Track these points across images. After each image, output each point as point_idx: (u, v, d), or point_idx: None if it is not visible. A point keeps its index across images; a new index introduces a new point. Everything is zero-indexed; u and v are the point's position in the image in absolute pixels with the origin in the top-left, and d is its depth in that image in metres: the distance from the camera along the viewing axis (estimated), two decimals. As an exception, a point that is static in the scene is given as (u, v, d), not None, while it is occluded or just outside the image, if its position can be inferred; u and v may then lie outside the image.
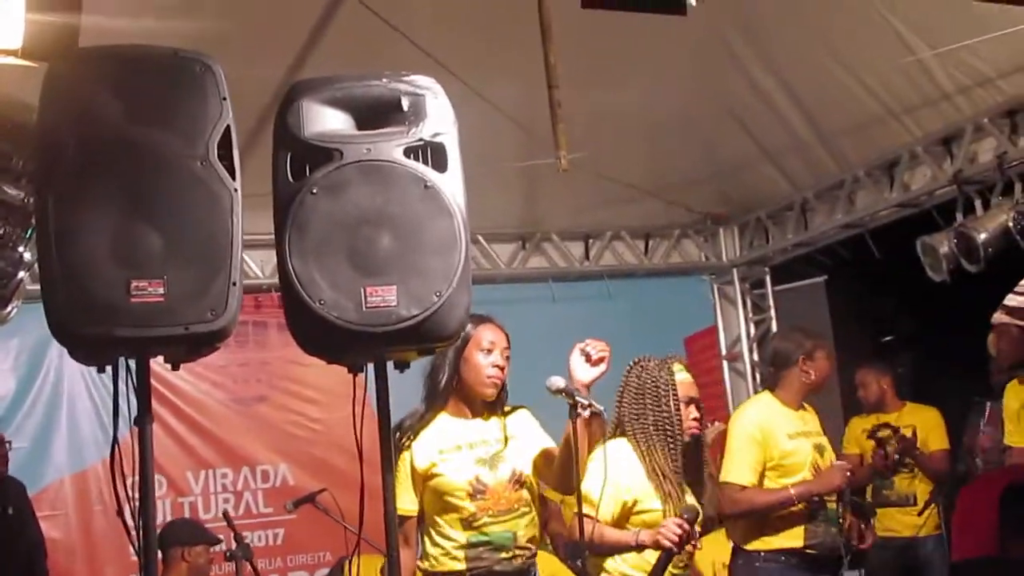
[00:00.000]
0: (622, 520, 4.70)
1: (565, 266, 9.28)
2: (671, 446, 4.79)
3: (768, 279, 9.82)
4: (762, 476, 5.56)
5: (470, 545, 4.40)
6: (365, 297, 3.01)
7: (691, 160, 8.43)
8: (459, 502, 4.41)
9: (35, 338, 7.69)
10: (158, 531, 6.53)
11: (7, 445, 7.18)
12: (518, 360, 4.70)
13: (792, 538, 5.49)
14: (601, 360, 4.31)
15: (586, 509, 4.36)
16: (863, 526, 5.77)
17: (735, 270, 9.83)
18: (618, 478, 4.62)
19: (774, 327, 9.64)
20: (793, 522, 5.50)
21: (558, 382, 4.22)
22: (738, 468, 5.58)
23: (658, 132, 7.89)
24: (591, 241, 9.37)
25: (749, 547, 5.58)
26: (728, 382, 9.84)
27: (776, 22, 6.97)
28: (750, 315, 9.91)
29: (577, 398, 4.17)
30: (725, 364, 9.87)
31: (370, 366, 3.23)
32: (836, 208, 8.59)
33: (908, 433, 7.39)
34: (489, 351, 4.51)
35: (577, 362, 4.31)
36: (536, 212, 8.93)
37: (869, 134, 7.87)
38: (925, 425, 7.49)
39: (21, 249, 4.45)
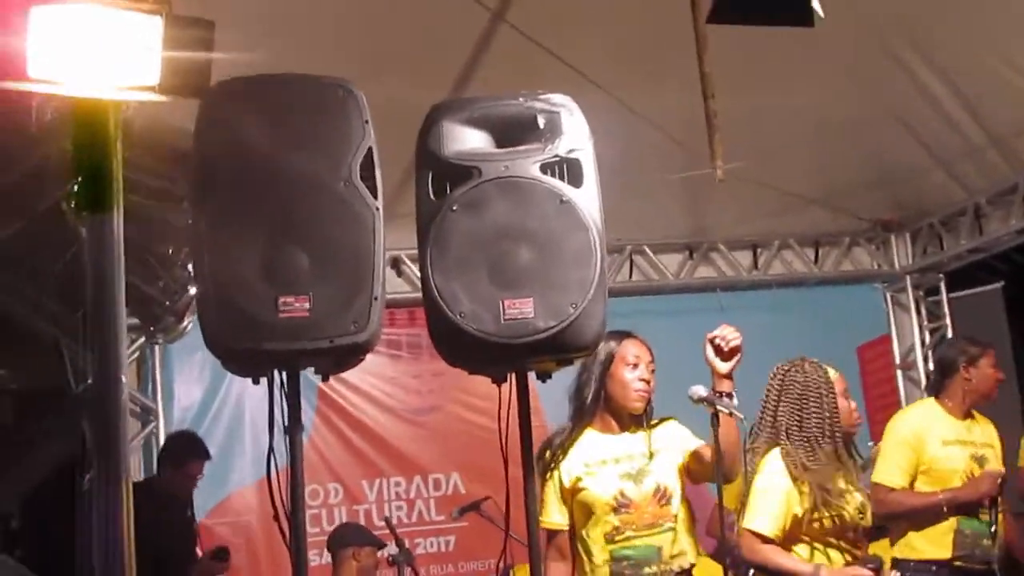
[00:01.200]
0: (794, 533, 4.64)
1: (733, 275, 9.26)
2: (837, 444, 4.75)
3: (943, 286, 9.63)
4: (913, 480, 5.54)
5: (614, 560, 4.44)
6: (504, 310, 3.12)
7: (857, 166, 8.33)
8: (603, 516, 4.46)
9: (219, 352, 7.98)
10: (329, 534, 6.87)
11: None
12: (685, 370, 4.71)
13: (941, 548, 5.45)
14: (734, 350, 4.31)
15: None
16: None
17: (908, 277, 9.66)
18: (786, 492, 4.61)
19: (950, 335, 9.45)
20: (943, 531, 5.45)
21: (700, 391, 4.25)
22: (888, 470, 5.59)
23: (822, 138, 7.81)
24: (759, 250, 9.33)
25: (899, 555, 5.57)
26: (902, 391, 9.67)
27: (938, 22, 6.85)
28: (925, 323, 9.72)
29: (718, 406, 4.20)
30: (899, 373, 9.70)
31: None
32: (1011, 213, 8.40)
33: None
34: (635, 366, 4.55)
35: (710, 355, 4.33)
36: (703, 222, 8.93)
37: (1043, 134, 7.68)
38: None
39: (189, 267, 4.68)
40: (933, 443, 5.57)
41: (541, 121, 3.26)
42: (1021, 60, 7.01)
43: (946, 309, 9.62)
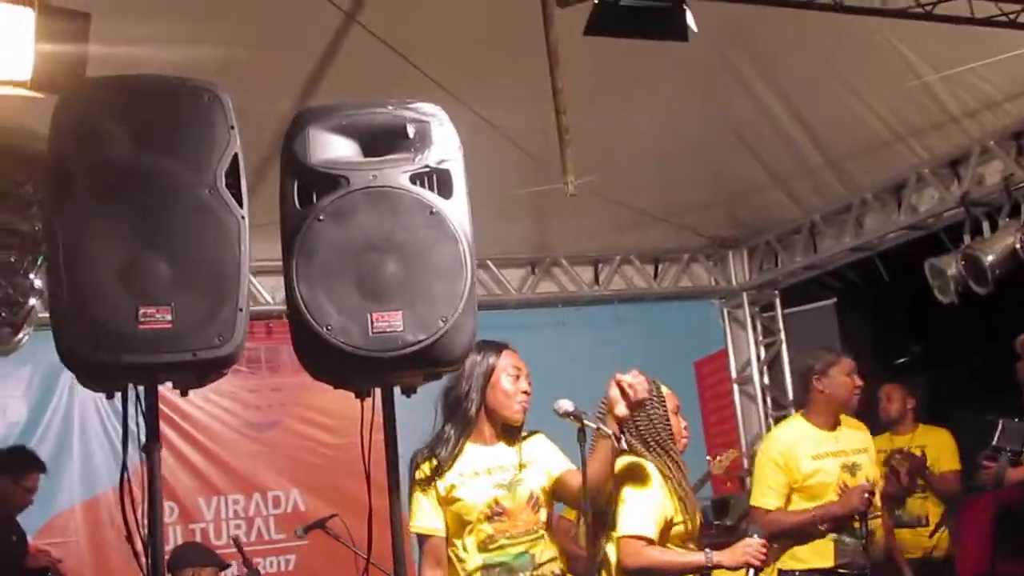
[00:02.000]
0: (664, 537, 4.67)
1: (575, 291, 9.31)
2: (673, 457, 4.80)
3: (778, 302, 9.83)
4: (788, 498, 5.65)
5: (486, 567, 4.42)
6: (372, 323, 3.04)
7: (700, 184, 8.46)
8: (477, 524, 4.44)
9: (47, 365, 7.71)
10: (168, 555, 6.66)
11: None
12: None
13: (823, 558, 5.57)
14: (640, 403, 4.36)
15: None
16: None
17: (745, 294, 9.85)
18: (658, 496, 4.63)
19: (784, 350, 9.66)
20: (824, 542, 5.57)
21: (566, 405, 4.27)
22: (762, 492, 5.72)
23: (667, 156, 7.91)
24: (600, 266, 9.41)
25: (783, 566, 5.68)
26: (739, 405, 9.84)
27: (783, 47, 7.00)
28: (760, 338, 9.91)
29: (585, 421, 4.22)
30: (735, 387, 9.86)
31: (377, 391, 3.27)
32: (845, 231, 8.62)
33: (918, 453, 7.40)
34: (516, 377, 4.56)
35: (616, 396, 4.33)
36: (546, 237, 8.96)
37: (876, 157, 7.90)
38: (937, 446, 7.47)
39: (32, 276, 4.49)
40: (803, 460, 5.67)
41: (411, 130, 3.19)
42: (858, 84, 7.19)
43: (781, 324, 9.82)
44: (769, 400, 9.77)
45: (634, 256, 9.48)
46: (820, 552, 5.57)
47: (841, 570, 5.54)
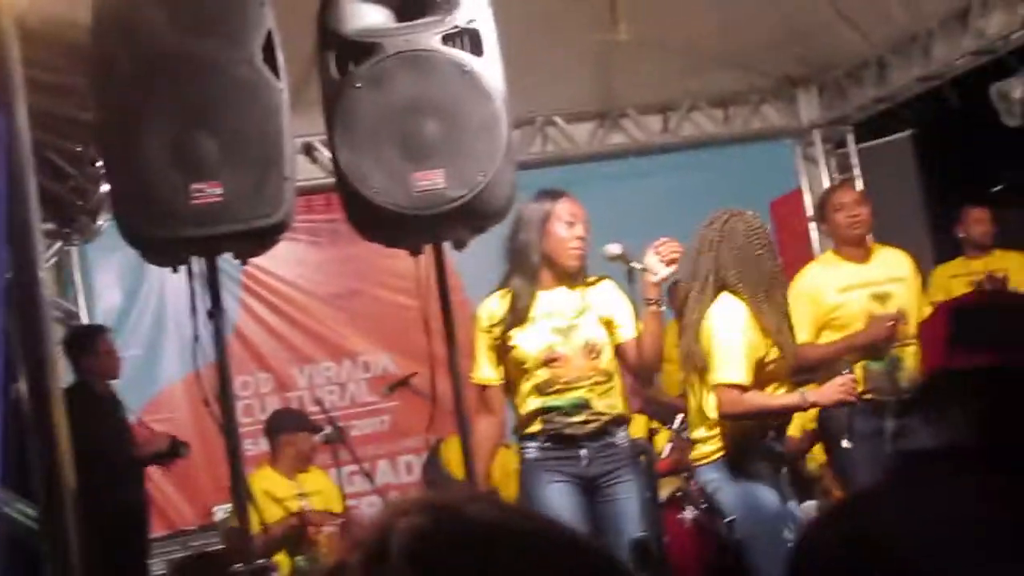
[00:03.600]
0: (759, 376, 4.68)
1: (644, 140, 9.30)
2: (782, 292, 4.86)
3: (851, 138, 9.74)
4: (818, 334, 5.74)
5: (544, 410, 4.59)
6: (414, 182, 3.17)
7: (764, 24, 8.34)
8: (533, 369, 4.60)
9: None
10: (265, 422, 6.93)
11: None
12: (605, 238, 4.83)
13: None
14: (674, 260, 4.48)
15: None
16: None
17: (816, 131, 9.76)
18: (748, 338, 4.66)
19: (859, 186, 9.61)
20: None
21: (614, 249, 4.39)
22: (797, 327, 5.73)
23: (725, -1, 7.84)
24: (669, 114, 9.37)
25: None
26: (816, 244, 9.82)
27: None
28: (835, 176, 9.86)
29: (633, 263, 4.33)
30: (812, 226, 9.86)
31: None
32: (913, 62, 8.49)
33: (1002, 276, 7.44)
34: (571, 224, 4.64)
35: (653, 261, 4.48)
36: (611, 88, 8.94)
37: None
38: (1018, 270, 7.50)
39: (99, 164, 4.65)
40: (828, 293, 5.74)
41: (439, -8, 3.29)
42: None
43: (855, 160, 9.75)
44: (847, 237, 9.74)
45: (703, 102, 9.43)
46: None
47: (868, 395, 5.53)
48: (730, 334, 4.62)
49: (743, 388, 4.59)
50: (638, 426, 5.17)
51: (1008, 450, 1.94)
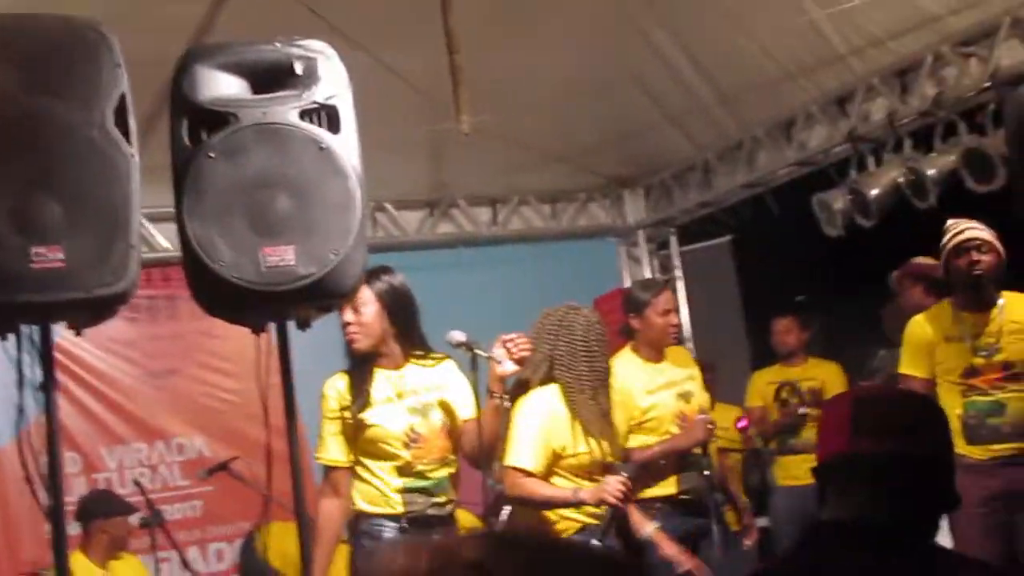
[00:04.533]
0: (551, 467, 4.77)
1: (473, 231, 9.36)
2: (604, 391, 4.91)
3: (674, 240, 9.96)
4: (626, 436, 5.66)
5: (406, 490, 4.53)
6: (264, 258, 3.10)
7: (595, 124, 8.54)
8: (395, 450, 4.53)
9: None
10: (77, 505, 6.64)
11: None
12: (430, 326, 4.83)
13: (666, 485, 5.71)
14: (523, 359, 4.50)
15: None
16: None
17: (641, 232, 9.97)
18: (548, 429, 4.72)
19: (680, 287, 9.82)
20: (666, 473, 5.71)
21: (458, 336, 4.39)
22: None
23: (562, 96, 7.97)
24: (498, 206, 9.45)
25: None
26: (637, 342, 9.98)
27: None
28: (657, 275, 10.04)
29: (476, 351, 4.33)
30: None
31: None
32: (737, 168, 8.75)
33: (816, 385, 7.65)
34: (343, 308, 4.57)
35: (500, 354, 4.49)
36: (443, 179, 8.99)
37: (767, 94, 8.02)
38: (827, 378, 7.75)
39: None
40: (639, 395, 5.78)
41: (299, 67, 3.25)
42: (748, 22, 7.31)
43: (676, 261, 9.96)
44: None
45: (532, 196, 9.55)
46: (662, 483, 5.71)
47: (684, 496, 5.71)
48: (529, 421, 4.75)
49: (527, 473, 4.68)
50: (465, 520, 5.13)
51: (904, 531, 2.20)
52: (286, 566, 5.33)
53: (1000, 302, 5.57)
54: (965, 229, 5.58)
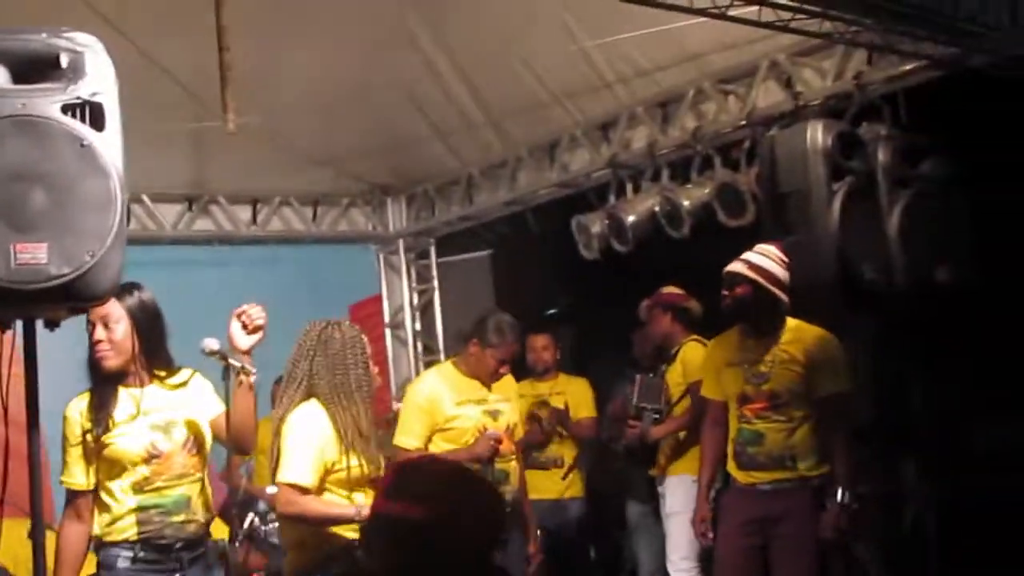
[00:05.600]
0: (323, 481, 4.74)
1: (232, 230, 9.23)
2: (367, 404, 4.90)
3: (433, 250, 10.04)
4: (429, 440, 5.94)
5: (141, 508, 4.40)
6: (15, 254, 2.98)
7: (363, 130, 8.51)
8: (133, 467, 4.41)
9: None
10: None
11: None
12: (183, 323, 4.74)
13: None
14: (258, 328, 4.43)
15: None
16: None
17: (401, 240, 10.01)
18: (319, 443, 4.70)
19: (436, 298, 9.91)
20: None
21: (212, 344, 4.32)
22: (405, 433, 5.98)
23: (331, 101, 7.92)
24: (259, 206, 9.35)
25: None
26: (391, 349, 10.02)
27: (454, 6, 7.17)
28: (414, 284, 10.11)
29: (230, 360, 4.28)
30: (388, 332, 10.04)
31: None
32: (500, 185, 8.89)
33: (561, 404, 7.80)
34: (93, 325, 4.47)
35: (236, 329, 4.43)
36: (204, 175, 8.84)
37: (534, 117, 8.17)
38: (576, 394, 7.90)
39: None
40: (446, 405, 5.95)
41: (64, 60, 3.13)
42: (521, 47, 7.44)
43: (435, 272, 10.04)
44: (420, 346, 10.00)
45: (293, 198, 9.48)
46: None
47: None
48: (301, 437, 4.69)
49: (303, 490, 4.63)
50: (220, 529, 5.03)
51: None
52: (17, 567, 5.14)
53: (780, 331, 5.73)
54: (732, 263, 5.77)
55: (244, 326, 4.41)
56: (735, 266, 5.73)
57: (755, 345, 5.75)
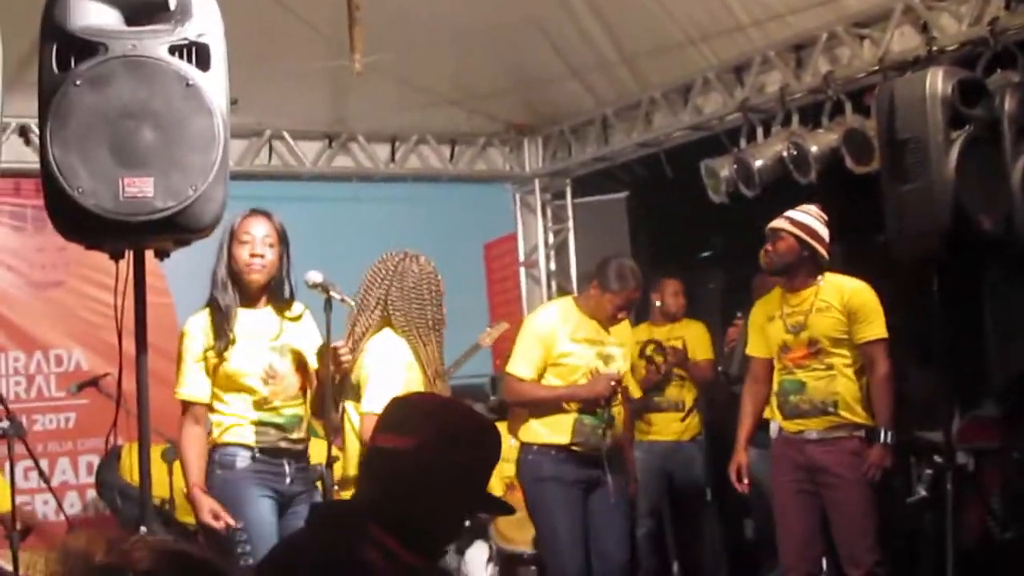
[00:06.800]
0: None
1: (370, 167, 9.39)
2: (439, 340, 5.03)
3: (568, 191, 10.07)
4: (542, 373, 5.96)
5: (260, 423, 4.67)
6: (123, 187, 3.16)
7: (497, 70, 8.59)
8: (251, 385, 4.66)
9: None
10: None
11: None
12: (321, 256, 4.96)
13: (560, 434, 5.88)
14: (346, 370, 4.83)
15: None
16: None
17: (537, 180, 10.06)
18: (400, 373, 4.84)
19: (571, 238, 9.96)
20: (562, 421, 5.89)
21: (315, 276, 4.50)
22: (520, 362, 5.99)
23: (464, 40, 8.01)
24: (397, 144, 9.48)
25: (524, 439, 6.01)
26: (524, 288, 10.10)
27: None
28: (550, 225, 10.16)
29: (332, 292, 4.46)
30: (522, 270, 10.12)
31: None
32: (634, 127, 8.87)
33: (679, 345, 7.81)
34: (244, 243, 4.73)
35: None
36: (343, 113, 9.00)
37: (668, 58, 8.12)
38: (694, 338, 7.91)
39: None
40: (562, 340, 5.97)
41: (172, 3, 3.28)
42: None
43: (570, 212, 10.08)
44: (554, 285, 10.05)
45: (431, 136, 9.60)
46: (557, 428, 5.89)
47: (575, 447, 5.88)
48: (386, 368, 4.86)
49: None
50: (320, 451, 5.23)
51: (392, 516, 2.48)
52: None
53: (819, 283, 5.84)
54: (774, 219, 5.88)
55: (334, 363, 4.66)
56: (778, 222, 5.88)
57: (794, 298, 5.86)
